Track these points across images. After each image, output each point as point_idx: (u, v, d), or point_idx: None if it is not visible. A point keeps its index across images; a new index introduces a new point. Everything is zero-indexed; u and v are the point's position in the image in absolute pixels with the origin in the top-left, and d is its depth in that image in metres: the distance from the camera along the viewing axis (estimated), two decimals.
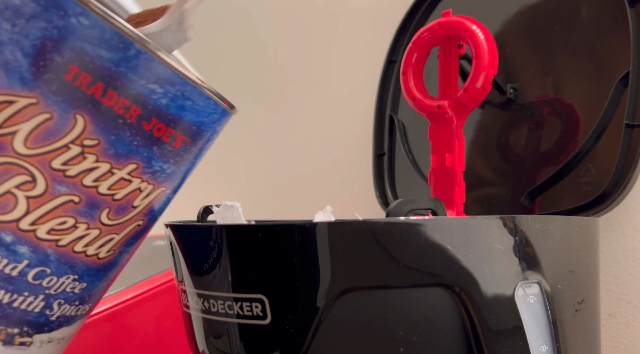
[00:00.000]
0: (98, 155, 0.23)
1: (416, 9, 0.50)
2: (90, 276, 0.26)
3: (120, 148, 0.24)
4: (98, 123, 0.23)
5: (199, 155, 0.27)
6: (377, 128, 0.51)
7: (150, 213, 0.27)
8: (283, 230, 0.22)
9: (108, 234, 0.25)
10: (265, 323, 0.23)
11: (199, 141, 0.27)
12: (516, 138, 0.41)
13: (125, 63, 0.23)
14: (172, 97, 0.24)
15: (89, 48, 0.22)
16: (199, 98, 0.25)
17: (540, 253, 0.25)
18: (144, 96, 0.23)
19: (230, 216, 0.28)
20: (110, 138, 0.23)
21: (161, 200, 0.27)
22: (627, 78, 0.35)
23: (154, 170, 0.25)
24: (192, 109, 0.25)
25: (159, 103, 0.24)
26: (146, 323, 0.41)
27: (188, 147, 0.26)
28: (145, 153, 0.24)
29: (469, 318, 0.23)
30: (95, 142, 0.23)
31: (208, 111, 0.26)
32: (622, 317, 0.41)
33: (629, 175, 0.34)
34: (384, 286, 0.22)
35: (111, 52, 0.22)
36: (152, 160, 0.25)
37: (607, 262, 0.41)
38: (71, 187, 0.23)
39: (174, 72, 0.24)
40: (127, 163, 0.24)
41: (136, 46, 0.23)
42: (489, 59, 0.30)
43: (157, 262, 0.47)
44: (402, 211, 0.22)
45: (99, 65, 0.22)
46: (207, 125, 0.27)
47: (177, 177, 0.27)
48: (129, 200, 0.25)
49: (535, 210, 0.39)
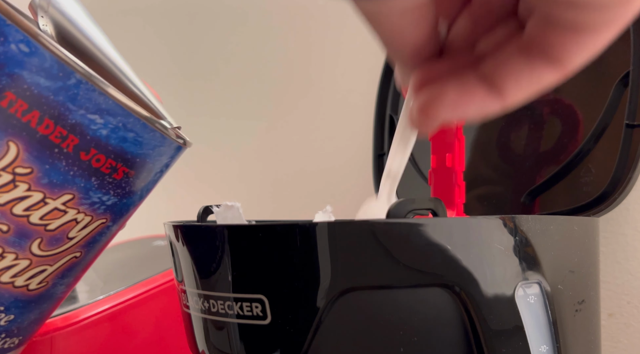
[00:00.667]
0: (30, 184, 0.22)
1: None
2: (19, 309, 0.25)
3: (55, 178, 0.23)
4: (32, 152, 0.22)
5: (145, 187, 0.26)
6: (377, 128, 0.51)
7: (90, 245, 0.26)
8: (283, 230, 0.22)
9: (40, 265, 0.24)
10: (265, 323, 0.23)
11: (144, 173, 0.26)
12: (516, 138, 0.41)
13: (64, 93, 0.22)
14: (113, 128, 0.23)
15: (28, 76, 0.21)
16: (143, 130, 0.24)
17: (541, 253, 0.25)
18: (82, 126, 0.23)
19: (230, 217, 0.28)
20: (45, 167, 0.22)
21: (102, 232, 0.26)
22: (627, 78, 0.35)
23: (92, 202, 0.24)
24: (136, 141, 0.24)
25: (98, 134, 0.23)
26: (146, 323, 0.41)
27: (131, 179, 0.25)
28: (82, 184, 0.24)
29: (469, 318, 0.23)
30: (28, 171, 0.22)
31: (154, 144, 0.25)
32: (622, 317, 0.41)
33: (629, 175, 0.34)
34: (384, 286, 0.22)
35: (50, 80, 0.22)
36: (90, 191, 0.24)
37: (607, 262, 0.41)
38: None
39: (116, 103, 0.23)
40: (62, 194, 0.23)
41: (77, 76, 0.22)
42: None
43: (157, 262, 0.47)
44: (402, 211, 0.22)
45: (36, 93, 0.21)
46: (153, 158, 0.25)
47: (120, 209, 0.26)
48: (63, 231, 0.24)
49: (535, 210, 0.39)
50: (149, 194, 0.27)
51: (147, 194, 0.27)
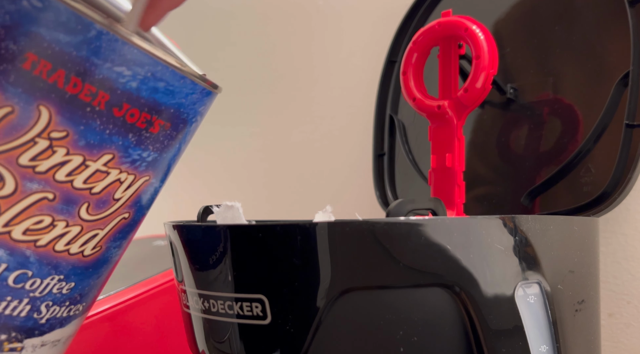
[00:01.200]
0: (68, 148, 0.22)
1: (416, 9, 0.50)
2: (78, 275, 0.25)
3: (92, 139, 0.22)
4: (64, 114, 0.21)
5: (183, 139, 0.25)
6: (377, 128, 0.51)
7: (137, 205, 0.25)
8: (283, 230, 0.22)
9: (91, 230, 0.24)
10: (265, 323, 0.23)
11: (180, 124, 0.25)
12: (516, 138, 0.41)
13: (86, 47, 0.21)
14: (142, 79, 0.22)
15: (45, 32, 0.20)
16: (173, 78, 0.23)
17: (541, 253, 0.25)
18: (111, 80, 0.22)
19: (230, 217, 0.28)
20: (80, 128, 0.22)
21: (147, 191, 0.25)
22: (627, 78, 0.35)
23: (132, 159, 0.23)
24: (167, 91, 0.23)
25: (128, 87, 0.22)
26: (146, 323, 0.41)
27: (168, 131, 0.24)
28: (120, 141, 0.23)
29: (469, 318, 0.23)
30: (63, 134, 0.22)
31: (185, 92, 0.24)
32: (622, 317, 0.41)
33: (629, 175, 0.34)
34: (384, 286, 0.22)
35: (70, 35, 0.20)
36: (129, 148, 0.23)
37: (607, 262, 0.41)
38: (43, 184, 0.22)
39: (142, 52, 0.22)
40: (102, 154, 0.22)
41: (96, 27, 0.21)
42: (489, 59, 0.30)
43: (157, 262, 0.47)
44: (402, 211, 0.22)
45: (58, 51, 0.20)
46: (187, 107, 0.24)
47: (161, 165, 0.25)
48: (108, 192, 0.23)
49: (535, 210, 0.39)
50: (187, 146, 0.26)
51: (185, 146, 0.26)
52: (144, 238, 0.57)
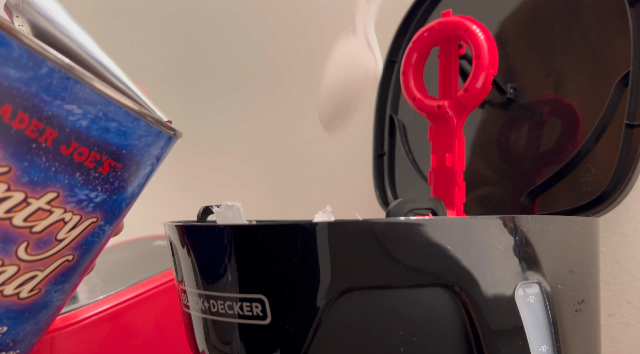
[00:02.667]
0: (10, 183, 0.21)
1: (416, 9, 0.50)
2: (12, 319, 0.23)
3: (36, 175, 0.21)
4: (8, 149, 0.20)
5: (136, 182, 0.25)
6: (377, 128, 0.51)
7: (82, 247, 0.24)
8: (283, 230, 0.22)
9: (29, 271, 0.23)
10: (265, 323, 0.23)
11: (132, 166, 0.24)
12: (516, 138, 0.41)
13: (36, 83, 0.20)
14: (93, 118, 0.22)
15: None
16: (126, 119, 0.22)
17: (541, 253, 0.25)
18: (60, 117, 0.21)
19: (230, 217, 0.28)
20: (23, 164, 0.21)
21: (94, 233, 0.24)
22: (627, 78, 0.35)
23: (78, 199, 0.23)
24: (119, 132, 0.22)
25: (78, 125, 0.21)
26: (146, 323, 0.41)
27: (119, 173, 0.23)
28: (65, 180, 0.22)
29: (469, 318, 0.23)
30: (5, 169, 0.21)
31: (139, 134, 0.23)
32: (622, 317, 0.41)
33: (629, 175, 0.34)
34: (384, 286, 0.22)
35: (20, 70, 0.20)
36: (75, 187, 0.22)
37: (607, 262, 0.41)
38: None
39: (94, 91, 0.21)
40: (45, 192, 0.22)
41: (48, 64, 0.20)
42: (489, 58, 0.30)
43: (157, 262, 0.47)
44: (402, 211, 0.22)
45: (6, 86, 0.20)
46: (141, 149, 0.24)
47: (110, 206, 0.24)
48: (51, 232, 0.22)
49: (535, 210, 0.39)
50: (142, 190, 0.25)
51: (140, 190, 0.25)
52: (144, 238, 0.57)
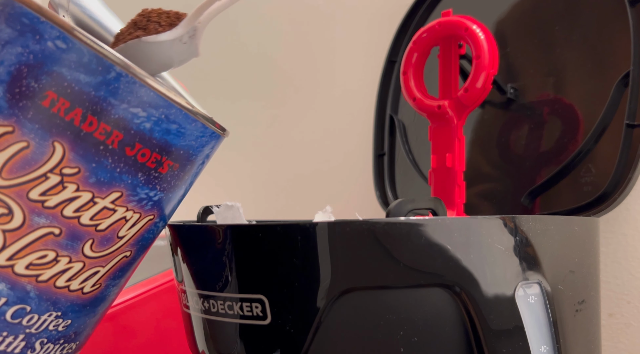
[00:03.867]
0: (79, 184, 0.22)
1: (416, 9, 0.50)
2: (75, 313, 0.25)
3: (103, 176, 0.22)
4: (78, 151, 0.22)
5: (189, 180, 0.26)
6: (377, 128, 0.51)
7: (138, 244, 0.25)
8: (283, 230, 0.22)
9: (92, 267, 0.24)
10: (265, 323, 0.23)
11: (188, 166, 0.25)
12: (516, 138, 0.41)
13: (105, 87, 0.21)
14: (156, 120, 0.23)
15: (67, 72, 0.21)
16: (185, 121, 0.24)
17: (541, 253, 0.25)
18: (126, 120, 0.22)
19: (230, 217, 0.28)
20: (91, 165, 0.22)
21: (150, 230, 0.25)
22: (627, 78, 0.35)
23: (139, 198, 0.24)
24: (179, 133, 0.24)
25: (142, 128, 0.23)
26: (146, 323, 0.41)
27: (176, 172, 0.25)
28: (129, 180, 0.23)
29: (469, 318, 0.22)
30: (75, 170, 0.22)
31: (196, 134, 0.25)
32: (622, 317, 0.41)
33: (629, 175, 0.34)
34: (384, 286, 0.22)
35: (90, 75, 0.21)
36: (137, 187, 0.23)
37: (607, 262, 0.41)
38: (51, 219, 0.22)
39: (158, 95, 0.23)
40: (110, 192, 0.23)
41: (116, 69, 0.21)
42: (490, 58, 0.30)
43: (157, 262, 0.47)
44: (402, 211, 0.22)
45: (77, 90, 0.21)
46: (196, 149, 0.25)
47: (166, 204, 0.25)
48: (113, 230, 0.24)
49: (535, 210, 0.39)
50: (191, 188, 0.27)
51: (190, 188, 0.27)
52: None
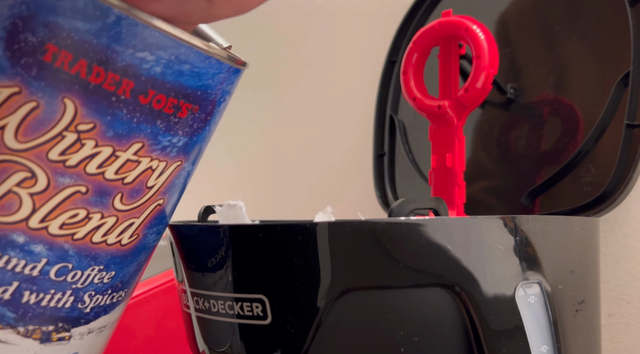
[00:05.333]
0: (97, 140, 0.21)
1: (416, 9, 0.50)
2: (117, 264, 0.25)
3: (120, 128, 0.22)
4: (90, 105, 0.21)
5: (212, 120, 0.25)
6: (377, 128, 0.51)
7: (171, 190, 0.25)
8: (283, 230, 0.22)
9: (127, 219, 0.24)
10: (265, 323, 0.23)
11: (208, 106, 0.24)
12: (516, 138, 0.41)
13: (106, 33, 0.20)
14: (166, 63, 0.22)
15: (64, 21, 0.20)
16: (198, 59, 0.22)
17: (541, 253, 0.25)
18: (134, 67, 0.21)
19: (233, 216, 0.28)
20: (107, 119, 0.21)
21: (180, 175, 0.25)
22: (627, 78, 0.35)
23: (163, 146, 0.23)
24: (193, 73, 0.22)
25: (152, 73, 0.21)
26: (146, 323, 0.41)
27: (197, 114, 0.23)
28: (148, 129, 0.22)
29: (469, 318, 0.23)
30: (90, 126, 0.21)
31: (212, 72, 0.23)
32: (622, 317, 0.41)
33: (629, 175, 0.34)
34: (385, 286, 0.22)
35: (88, 22, 0.20)
36: (159, 135, 0.23)
37: (607, 262, 0.41)
38: (75, 177, 0.22)
39: (163, 35, 0.21)
40: (131, 143, 0.22)
41: (114, 11, 0.20)
42: (490, 58, 0.30)
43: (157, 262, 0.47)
44: (404, 210, 0.22)
45: (77, 40, 0.20)
46: (214, 88, 0.24)
47: (192, 148, 0.24)
48: (141, 181, 0.23)
49: (535, 210, 0.39)
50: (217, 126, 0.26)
51: (215, 126, 0.25)
52: None
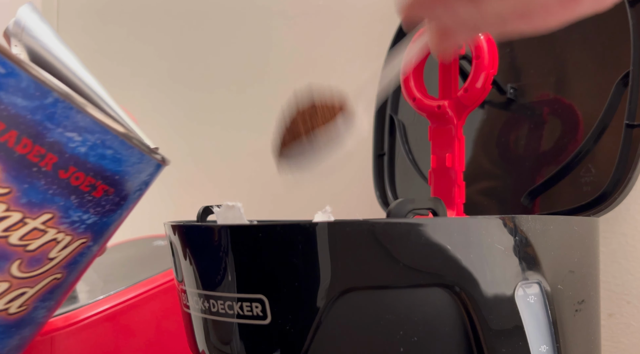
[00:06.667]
0: (9, 204, 0.22)
1: None
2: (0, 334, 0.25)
3: (34, 197, 0.23)
4: (10, 171, 0.22)
5: (124, 206, 0.26)
6: (377, 128, 0.51)
7: (70, 266, 0.25)
8: (283, 230, 0.22)
9: (19, 288, 0.24)
10: (265, 323, 0.23)
11: (123, 191, 0.25)
12: (516, 138, 0.41)
13: (41, 112, 0.22)
14: (92, 145, 0.23)
15: (4, 96, 0.21)
16: (121, 147, 0.24)
17: (541, 253, 0.25)
18: (60, 144, 0.23)
19: (231, 217, 0.28)
20: (23, 186, 0.22)
21: (83, 253, 0.26)
22: (627, 78, 0.35)
23: (72, 221, 0.24)
24: (114, 158, 0.24)
25: (77, 152, 0.23)
26: (146, 323, 0.41)
27: (111, 197, 0.25)
28: (61, 202, 0.23)
29: (469, 318, 0.23)
30: (6, 191, 0.22)
31: (132, 161, 0.25)
32: (622, 317, 0.41)
33: (629, 175, 0.34)
34: (384, 286, 0.22)
35: (27, 100, 0.22)
36: (70, 209, 0.24)
37: (607, 262, 0.41)
38: None
39: (94, 120, 0.23)
40: (42, 213, 0.23)
41: (53, 95, 0.22)
42: (489, 59, 0.30)
43: (157, 262, 0.47)
44: (403, 211, 0.22)
45: (13, 113, 0.21)
46: (132, 176, 0.25)
47: (100, 228, 0.26)
48: (43, 251, 0.24)
49: (535, 210, 0.39)
50: (128, 214, 0.27)
51: (127, 213, 0.27)
52: (144, 238, 0.57)
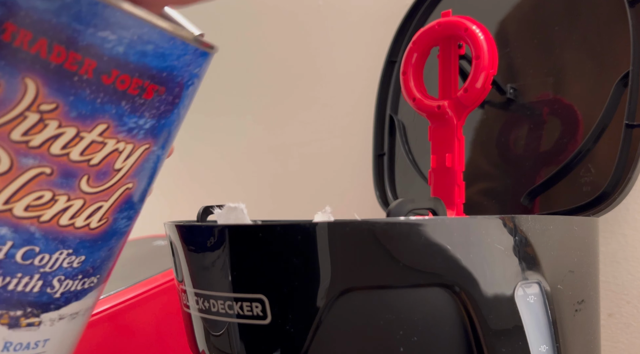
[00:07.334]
0: (60, 120, 0.21)
1: (416, 9, 0.50)
2: (87, 249, 0.24)
3: (83, 109, 0.21)
4: (51, 85, 0.20)
5: (181, 104, 0.24)
6: (377, 128, 0.51)
7: (139, 174, 0.24)
8: (283, 230, 0.22)
9: (94, 202, 0.23)
10: (265, 323, 0.23)
11: (175, 88, 0.23)
12: (516, 138, 0.41)
13: (65, 12, 0.20)
14: (129, 42, 0.21)
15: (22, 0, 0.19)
16: (162, 40, 0.22)
17: (540, 253, 0.25)
18: (96, 46, 0.20)
19: (234, 218, 0.28)
20: (69, 99, 0.21)
21: (149, 159, 0.24)
22: (627, 78, 0.35)
23: (129, 128, 0.22)
24: (157, 54, 0.22)
25: (115, 53, 0.21)
26: (146, 323, 0.41)
27: (163, 96, 0.23)
28: (113, 110, 0.22)
29: (469, 318, 0.23)
30: (53, 106, 0.21)
31: (177, 53, 0.23)
32: (622, 317, 0.41)
33: (628, 175, 0.34)
34: (384, 286, 0.22)
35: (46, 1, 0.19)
36: (124, 116, 0.22)
37: (607, 262, 0.41)
38: (39, 158, 0.21)
39: (124, 13, 0.21)
40: (96, 124, 0.22)
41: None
42: (489, 59, 0.30)
43: (157, 262, 0.47)
44: (402, 211, 0.22)
45: (36, 19, 0.19)
46: (181, 70, 0.23)
47: (160, 131, 0.24)
48: (108, 163, 0.23)
49: (535, 210, 0.39)
50: (187, 111, 0.25)
51: (186, 111, 0.25)
52: (144, 238, 0.57)
